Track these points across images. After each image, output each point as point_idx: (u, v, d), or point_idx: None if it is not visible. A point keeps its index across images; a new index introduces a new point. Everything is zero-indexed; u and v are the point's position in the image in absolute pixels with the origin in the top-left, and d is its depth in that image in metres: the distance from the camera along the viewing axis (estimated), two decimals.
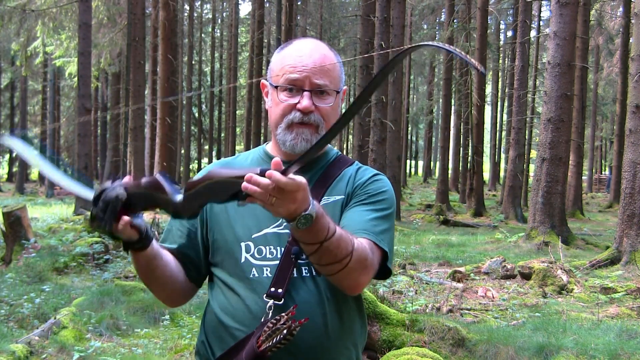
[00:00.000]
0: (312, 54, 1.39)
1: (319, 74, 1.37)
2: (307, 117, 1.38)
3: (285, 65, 1.39)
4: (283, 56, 1.42)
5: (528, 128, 21.47)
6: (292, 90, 1.38)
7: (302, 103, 1.37)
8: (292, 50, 1.41)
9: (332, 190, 1.44)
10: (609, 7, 25.80)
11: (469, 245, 11.03)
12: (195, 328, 4.86)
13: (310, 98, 1.37)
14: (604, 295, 6.26)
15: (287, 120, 1.39)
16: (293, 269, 1.36)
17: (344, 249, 1.23)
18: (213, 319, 1.43)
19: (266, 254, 1.38)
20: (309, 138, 1.39)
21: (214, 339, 1.42)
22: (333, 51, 1.44)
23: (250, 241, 1.39)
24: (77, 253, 7.82)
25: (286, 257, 1.36)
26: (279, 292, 1.33)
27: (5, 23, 17.92)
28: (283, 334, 1.24)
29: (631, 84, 8.31)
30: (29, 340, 4.28)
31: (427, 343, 4.11)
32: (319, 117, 1.38)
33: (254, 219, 1.41)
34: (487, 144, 34.71)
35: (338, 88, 1.42)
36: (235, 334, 1.36)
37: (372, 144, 13.35)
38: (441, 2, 25.72)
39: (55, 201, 20.97)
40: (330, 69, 1.40)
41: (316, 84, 1.37)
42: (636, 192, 8.01)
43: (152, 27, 18.79)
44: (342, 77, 1.45)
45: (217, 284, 1.45)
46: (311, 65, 1.37)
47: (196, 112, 39.76)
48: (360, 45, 15.50)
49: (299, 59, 1.38)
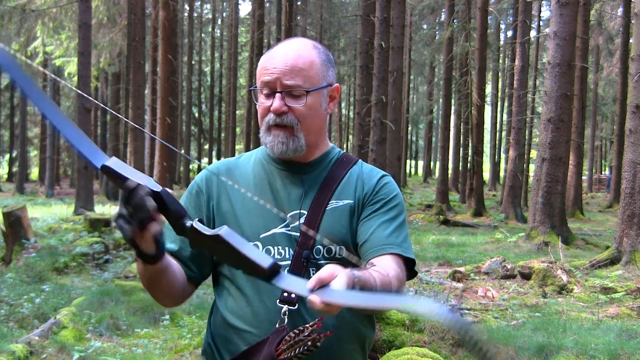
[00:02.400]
0: (285, 54, 1.37)
1: (289, 74, 1.35)
2: (281, 118, 1.36)
3: (260, 67, 1.39)
4: (262, 59, 1.41)
5: (528, 128, 21.47)
6: (268, 93, 1.38)
7: (273, 105, 1.36)
8: (269, 52, 1.41)
9: (340, 194, 1.44)
10: (609, 7, 25.80)
11: (469, 245, 11.03)
12: (196, 328, 4.86)
13: (282, 99, 1.35)
14: (604, 295, 6.26)
15: (265, 123, 1.40)
16: (305, 274, 1.36)
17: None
18: (220, 320, 1.42)
19: (274, 254, 1.38)
20: (285, 140, 1.38)
21: (221, 340, 1.41)
22: (317, 48, 1.41)
23: (258, 241, 1.39)
24: (77, 253, 7.82)
25: (297, 261, 1.36)
26: (292, 297, 1.33)
27: (5, 23, 17.92)
28: (307, 346, 1.22)
29: (631, 84, 8.30)
30: (29, 340, 4.28)
31: (427, 343, 4.11)
32: (293, 117, 1.37)
33: (262, 218, 1.40)
34: (487, 144, 34.73)
35: (314, 86, 1.38)
36: (244, 336, 1.36)
37: (372, 144, 13.34)
38: (441, 2, 25.71)
39: (55, 201, 20.97)
40: (304, 67, 1.36)
41: (286, 85, 1.35)
42: (636, 192, 8.01)
43: (152, 27, 18.79)
44: (324, 74, 1.40)
45: (223, 284, 1.44)
46: (282, 66, 1.35)
47: (196, 112, 39.78)
48: (360, 45, 15.49)
49: (272, 60, 1.37)
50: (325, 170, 1.47)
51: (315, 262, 1.37)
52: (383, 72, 13.42)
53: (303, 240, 1.37)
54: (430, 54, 28.10)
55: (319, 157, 1.47)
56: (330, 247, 1.39)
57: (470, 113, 18.51)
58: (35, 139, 38.84)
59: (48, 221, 12.60)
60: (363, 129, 14.85)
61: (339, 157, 1.50)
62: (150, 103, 19.11)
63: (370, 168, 1.50)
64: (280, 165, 1.46)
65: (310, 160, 1.46)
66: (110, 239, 8.86)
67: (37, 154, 38.79)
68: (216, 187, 1.46)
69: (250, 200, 1.41)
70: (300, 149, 1.40)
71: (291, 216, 1.40)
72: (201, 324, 4.94)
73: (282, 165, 1.46)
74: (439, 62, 29.30)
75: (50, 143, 27.88)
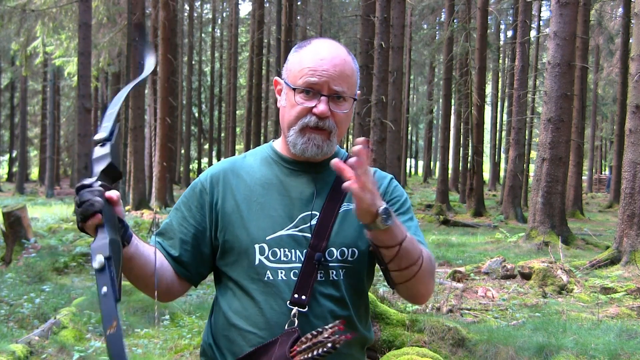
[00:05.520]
0: (333, 58, 1.37)
1: (338, 79, 1.35)
2: (322, 122, 1.36)
3: (304, 67, 1.37)
4: (302, 57, 1.39)
5: (528, 128, 21.48)
6: (309, 93, 1.36)
7: (318, 108, 1.34)
8: (312, 52, 1.38)
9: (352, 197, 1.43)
10: (609, 7, 25.81)
11: (469, 245, 11.03)
12: (196, 328, 4.86)
13: (327, 103, 1.35)
14: (604, 295, 6.26)
15: (301, 123, 1.37)
16: (316, 276, 1.35)
17: (417, 247, 1.30)
18: (223, 321, 1.41)
19: (280, 256, 1.36)
20: (320, 144, 1.37)
21: (224, 341, 1.40)
22: (351, 55, 1.42)
23: (264, 243, 1.37)
24: (77, 253, 7.83)
25: (308, 263, 1.35)
26: (303, 299, 1.32)
27: (5, 23, 17.91)
28: (327, 347, 1.21)
29: (631, 84, 8.30)
30: (29, 340, 4.28)
31: (427, 343, 4.11)
32: (333, 123, 1.37)
33: (268, 220, 1.38)
34: (487, 144, 34.73)
35: (354, 95, 1.41)
36: (248, 337, 1.35)
37: (372, 144, 13.34)
38: (441, 2, 25.72)
39: (55, 201, 20.97)
40: (349, 74, 1.38)
41: (334, 90, 1.35)
42: (636, 192, 8.01)
43: (152, 27, 18.80)
44: (357, 82, 1.43)
45: (227, 285, 1.42)
46: (332, 70, 1.35)
47: (196, 112, 39.78)
48: (360, 45, 15.50)
49: (320, 62, 1.36)
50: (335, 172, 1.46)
51: (326, 265, 1.36)
52: (383, 72, 13.42)
53: (315, 242, 1.36)
54: (430, 54, 28.09)
55: (329, 158, 1.45)
56: (344, 250, 1.38)
57: (470, 113, 18.52)
58: (35, 139, 38.86)
59: (48, 221, 12.60)
60: (363, 129, 14.85)
61: (346, 159, 1.49)
62: (150, 103, 19.13)
63: (376, 170, 1.50)
64: (292, 165, 1.45)
65: (322, 160, 1.44)
66: None
67: (37, 154, 38.81)
68: (222, 187, 1.43)
69: (256, 201, 1.40)
70: (330, 153, 1.41)
71: (302, 217, 1.39)
72: (201, 324, 4.94)
73: (293, 165, 1.45)
74: (439, 62, 29.29)
75: (50, 143, 27.89)
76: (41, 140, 32.76)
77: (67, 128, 35.85)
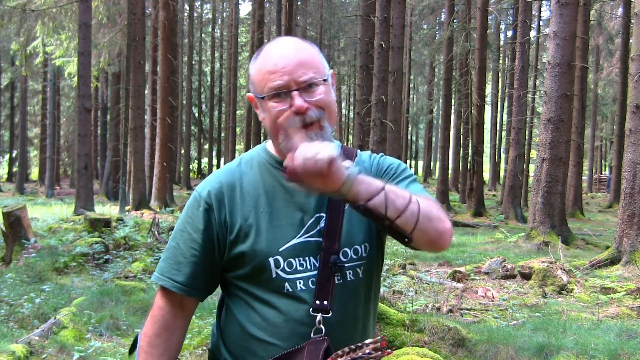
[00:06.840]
0: (286, 52, 1.33)
1: (300, 69, 1.30)
2: (305, 116, 1.30)
3: (263, 73, 1.33)
4: (259, 65, 1.35)
5: (528, 128, 21.46)
6: (280, 96, 1.31)
7: (295, 104, 1.29)
8: (266, 56, 1.35)
9: None
10: (609, 7, 25.81)
11: (469, 245, 11.03)
12: (196, 328, 4.85)
13: (301, 96, 1.30)
14: (604, 295, 6.26)
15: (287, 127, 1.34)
16: (334, 280, 1.33)
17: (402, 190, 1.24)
18: (238, 332, 1.38)
19: (296, 266, 1.33)
20: (313, 138, 1.30)
21: (240, 351, 1.37)
22: (306, 41, 1.38)
23: (278, 255, 1.33)
24: (77, 253, 7.82)
25: (324, 267, 1.32)
26: (325, 304, 1.30)
27: (5, 23, 17.91)
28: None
29: (631, 84, 8.30)
30: (29, 340, 4.28)
31: (427, 343, 4.11)
32: (317, 111, 1.32)
33: (278, 230, 1.35)
34: (487, 144, 34.73)
35: (324, 75, 1.35)
36: (267, 348, 1.33)
37: (372, 144, 13.34)
38: (441, 2, 25.72)
39: (55, 201, 20.97)
40: (309, 59, 1.33)
41: (301, 81, 1.30)
42: (636, 192, 8.01)
43: (152, 27, 18.81)
44: (323, 62, 1.37)
45: (239, 295, 1.39)
46: (290, 64, 1.30)
47: (196, 112, 39.79)
48: (360, 45, 15.50)
49: (275, 62, 1.32)
50: None
51: (342, 266, 1.34)
52: (383, 72, 13.42)
53: (327, 245, 1.33)
54: (430, 54, 28.09)
55: None
56: (357, 248, 1.36)
57: (470, 113, 18.52)
58: (35, 139, 38.86)
59: (48, 221, 12.59)
60: (363, 129, 14.86)
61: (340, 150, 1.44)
62: (150, 103, 19.12)
63: (367, 153, 1.49)
64: None
65: None
66: (110, 239, 8.86)
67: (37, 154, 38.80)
68: (228, 203, 1.37)
69: (264, 211, 1.36)
70: (330, 139, 1.33)
71: (311, 222, 1.35)
72: (201, 324, 4.93)
73: None
74: (439, 62, 29.29)
75: (50, 143, 27.88)
76: (41, 140, 32.76)
77: (67, 128, 35.85)
